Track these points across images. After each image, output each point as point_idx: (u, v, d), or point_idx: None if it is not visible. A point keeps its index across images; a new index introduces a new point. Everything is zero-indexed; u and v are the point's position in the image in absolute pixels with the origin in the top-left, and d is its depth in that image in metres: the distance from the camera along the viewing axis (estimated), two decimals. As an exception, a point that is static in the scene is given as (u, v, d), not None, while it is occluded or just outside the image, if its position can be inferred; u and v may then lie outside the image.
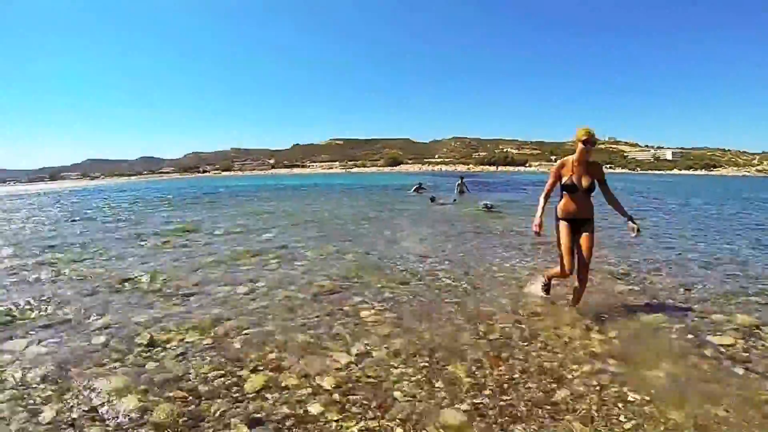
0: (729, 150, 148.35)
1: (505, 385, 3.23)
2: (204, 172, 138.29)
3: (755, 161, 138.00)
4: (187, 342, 4.06)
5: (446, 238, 9.80)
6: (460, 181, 23.55)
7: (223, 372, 3.46)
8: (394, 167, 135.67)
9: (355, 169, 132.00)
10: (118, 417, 2.83)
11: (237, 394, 3.12)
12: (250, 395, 3.11)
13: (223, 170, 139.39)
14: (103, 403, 3.00)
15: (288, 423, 2.78)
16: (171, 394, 3.12)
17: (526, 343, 4.00)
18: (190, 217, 14.88)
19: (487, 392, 3.14)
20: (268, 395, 3.11)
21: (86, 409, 2.93)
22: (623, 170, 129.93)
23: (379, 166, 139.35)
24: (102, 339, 4.14)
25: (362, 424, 2.78)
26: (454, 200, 19.77)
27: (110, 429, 2.72)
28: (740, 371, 3.47)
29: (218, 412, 2.89)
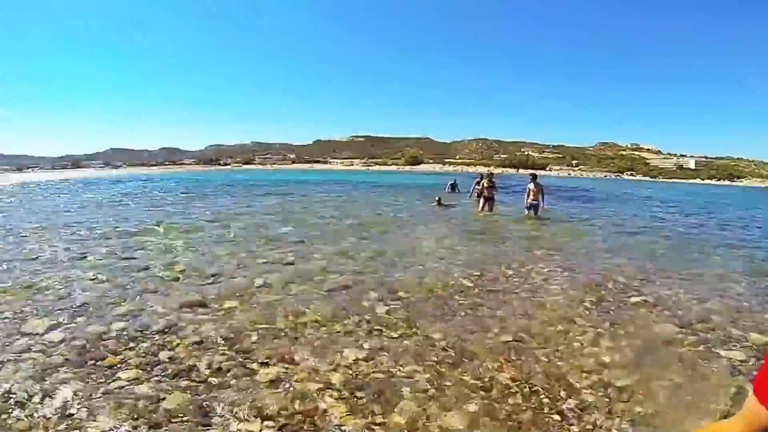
0: (752, 160, 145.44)
1: (513, 390, 3.25)
2: (225, 164, 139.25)
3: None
4: (202, 332, 4.16)
5: (460, 239, 9.83)
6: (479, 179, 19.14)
7: (235, 363, 3.54)
8: (415, 166, 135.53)
9: (375, 167, 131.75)
10: (132, 402, 2.92)
11: (249, 386, 3.20)
12: (262, 387, 3.18)
13: (244, 163, 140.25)
14: (117, 388, 3.10)
15: (297, 418, 2.84)
16: (183, 384, 3.20)
17: (536, 349, 4.01)
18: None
19: (494, 395, 3.17)
20: (279, 388, 3.17)
21: (100, 394, 3.02)
22: (644, 177, 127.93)
23: (400, 165, 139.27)
24: (121, 325, 4.26)
25: (369, 419, 2.83)
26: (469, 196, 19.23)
27: (123, 414, 2.79)
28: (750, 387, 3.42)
29: (229, 403, 2.96)
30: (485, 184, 15.80)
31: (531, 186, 14.27)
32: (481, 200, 15.84)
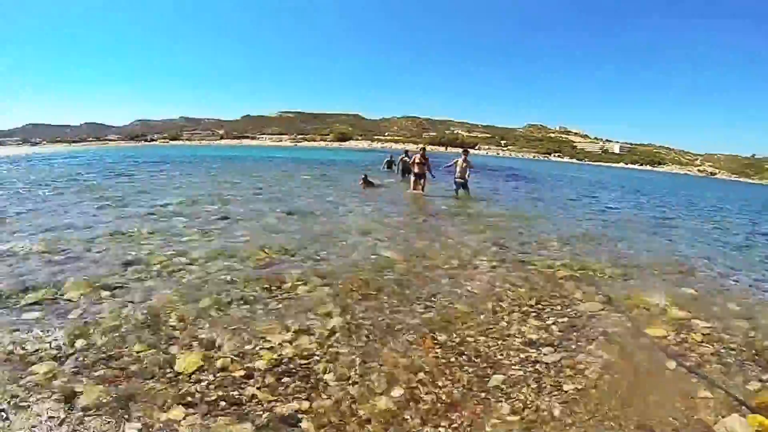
0: (673, 148, 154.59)
1: (441, 369, 3.26)
2: (151, 140, 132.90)
3: (697, 161, 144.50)
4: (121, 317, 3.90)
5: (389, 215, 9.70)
6: (403, 156, 19.71)
7: (156, 350, 3.35)
8: (344, 143, 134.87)
9: (304, 143, 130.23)
10: (45, 401, 2.68)
11: (170, 375, 3.03)
12: (184, 376, 3.03)
13: (171, 139, 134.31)
14: (30, 386, 2.84)
15: (222, 404, 2.73)
16: (101, 374, 2.99)
17: (463, 327, 4.04)
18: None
19: (421, 376, 3.16)
20: (202, 376, 3.03)
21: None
22: (571, 160, 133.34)
23: (329, 141, 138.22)
24: (34, 315, 3.91)
25: (295, 405, 2.76)
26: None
27: (35, 414, 2.57)
28: (672, 364, 3.58)
29: (151, 393, 2.80)
30: (416, 160, 14.51)
31: (459, 160, 13.75)
32: (411, 178, 14.64)
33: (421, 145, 16.53)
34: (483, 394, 2.98)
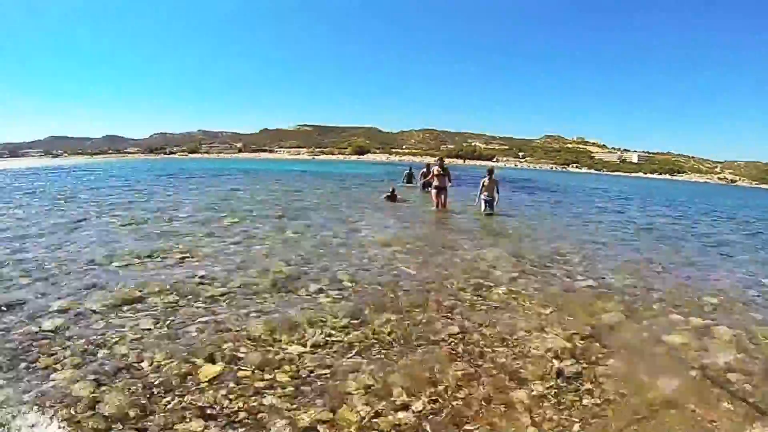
0: (692, 156, 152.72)
1: (461, 382, 3.24)
2: (170, 153, 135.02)
3: (717, 169, 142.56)
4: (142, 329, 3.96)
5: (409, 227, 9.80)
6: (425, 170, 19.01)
7: (176, 361, 3.38)
8: (362, 156, 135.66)
9: (322, 156, 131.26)
10: (68, 407, 2.73)
11: (191, 385, 3.06)
12: (204, 386, 3.05)
13: (190, 152, 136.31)
14: (54, 390, 2.90)
15: (241, 415, 2.75)
16: (122, 384, 3.03)
17: (484, 339, 4.02)
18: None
19: (441, 388, 3.14)
20: (222, 388, 3.05)
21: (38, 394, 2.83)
22: (589, 170, 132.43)
23: (347, 154, 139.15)
24: (58, 322, 3.99)
25: (315, 416, 2.75)
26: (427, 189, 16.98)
27: (61, 418, 2.62)
28: (694, 373, 3.56)
29: (171, 404, 2.83)
30: (435, 172, 13.93)
31: (486, 180, 13.33)
32: (432, 191, 13.96)
33: (438, 156, 16.28)
34: (503, 407, 2.95)
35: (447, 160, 15.55)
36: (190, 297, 4.81)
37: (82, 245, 7.09)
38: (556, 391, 3.19)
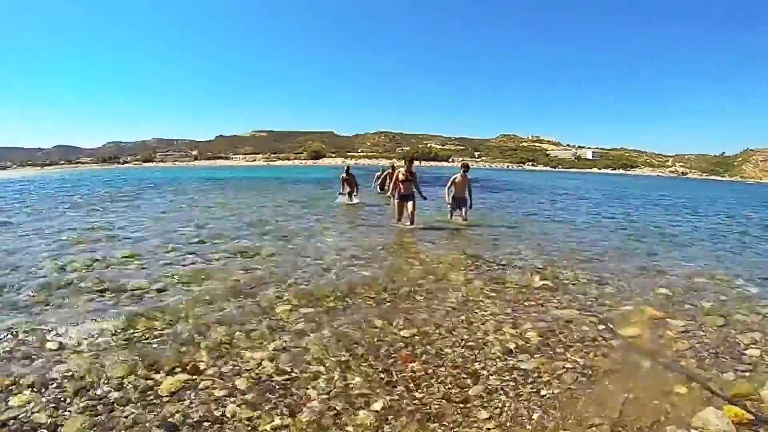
0: (645, 151, 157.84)
1: (420, 382, 3.30)
2: (124, 162, 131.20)
3: (668, 163, 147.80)
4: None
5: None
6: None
7: (136, 375, 3.32)
8: (317, 160, 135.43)
9: (278, 162, 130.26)
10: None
11: (152, 398, 3.01)
12: (165, 398, 3.01)
13: (144, 161, 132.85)
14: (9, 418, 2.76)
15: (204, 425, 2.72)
16: (82, 404, 2.92)
17: (440, 339, 4.09)
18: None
19: (400, 389, 3.20)
20: (184, 398, 3.02)
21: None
22: (545, 168, 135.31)
23: (302, 159, 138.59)
24: (8, 345, 3.77)
25: (277, 421, 2.77)
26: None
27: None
28: (647, 363, 3.71)
29: (132, 419, 2.77)
30: (400, 177, 10.55)
31: (458, 176, 11.11)
32: (395, 200, 10.79)
33: (408, 156, 14.15)
34: (462, 404, 3.02)
35: (403, 161, 11.56)
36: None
37: None
38: (513, 384, 3.28)
